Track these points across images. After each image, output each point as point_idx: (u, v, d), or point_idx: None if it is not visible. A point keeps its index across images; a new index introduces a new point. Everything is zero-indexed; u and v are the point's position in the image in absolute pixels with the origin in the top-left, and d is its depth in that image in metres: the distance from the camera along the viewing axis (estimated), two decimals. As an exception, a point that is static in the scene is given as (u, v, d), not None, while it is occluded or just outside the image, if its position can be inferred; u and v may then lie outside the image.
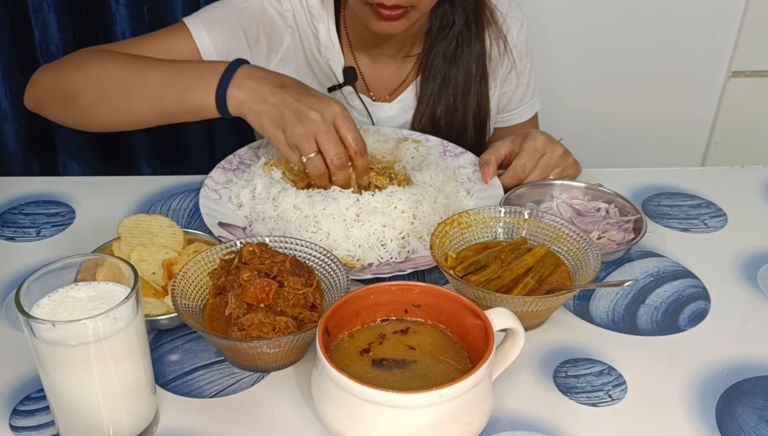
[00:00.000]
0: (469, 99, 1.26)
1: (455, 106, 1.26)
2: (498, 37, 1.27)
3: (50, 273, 0.69)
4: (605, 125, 1.90)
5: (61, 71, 1.10)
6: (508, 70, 1.31)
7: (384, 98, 1.29)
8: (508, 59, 1.29)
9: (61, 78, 1.10)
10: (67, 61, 1.12)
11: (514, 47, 1.29)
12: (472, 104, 1.27)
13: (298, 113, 0.97)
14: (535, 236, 0.93)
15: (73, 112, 1.10)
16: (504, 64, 1.30)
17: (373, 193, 0.99)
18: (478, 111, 1.28)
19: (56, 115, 1.13)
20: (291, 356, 0.80)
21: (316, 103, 0.98)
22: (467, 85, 1.25)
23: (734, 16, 1.78)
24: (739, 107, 1.89)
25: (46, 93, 1.11)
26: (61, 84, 1.09)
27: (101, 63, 1.08)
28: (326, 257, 0.86)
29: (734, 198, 1.15)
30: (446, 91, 1.25)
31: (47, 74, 1.12)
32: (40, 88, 1.12)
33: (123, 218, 0.94)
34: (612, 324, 0.90)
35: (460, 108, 1.26)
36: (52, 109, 1.12)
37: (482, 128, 1.31)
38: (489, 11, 1.25)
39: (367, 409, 0.65)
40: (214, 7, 1.19)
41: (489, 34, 1.26)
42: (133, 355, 0.69)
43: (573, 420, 0.76)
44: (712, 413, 0.77)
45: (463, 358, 0.74)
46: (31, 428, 0.74)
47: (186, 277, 0.82)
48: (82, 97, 1.08)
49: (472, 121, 1.28)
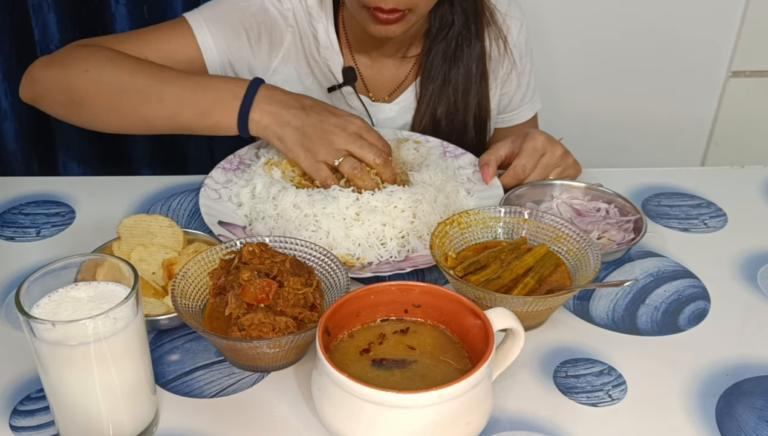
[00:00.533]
0: (469, 99, 1.26)
1: (456, 107, 1.26)
2: (498, 37, 1.27)
3: (50, 273, 0.69)
4: (605, 125, 1.90)
5: (65, 72, 1.08)
6: (509, 70, 1.31)
7: (383, 99, 1.29)
8: (508, 59, 1.29)
9: (67, 79, 1.08)
10: (70, 60, 1.09)
11: (514, 47, 1.29)
12: (472, 105, 1.26)
13: (322, 133, 1.02)
14: (535, 236, 0.93)
15: (79, 113, 1.09)
16: (504, 65, 1.30)
17: (373, 193, 1.00)
18: (478, 111, 1.28)
19: (57, 112, 1.12)
20: (291, 356, 0.80)
21: (339, 122, 1.02)
22: (467, 85, 1.25)
23: (734, 16, 1.78)
24: (739, 107, 1.89)
25: (48, 91, 1.10)
26: (66, 85, 1.08)
27: (114, 70, 1.06)
28: (326, 257, 0.86)
29: (734, 198, 1.15)
30: (446, 92, 1.25)
31: (49, 71, 1.09)
32: (41, 85, 1.10)
33: (123, 217, 0.94)
34: (612, 324, 0.90)
35: (460, 109, 1.26)
36: (54, 106, 1.11)
37: (483, 129, 1.30)
38: (489, 11, 1.25)
39: (367, 409, 0.65)
40: (215, 4, 1.19)
41: (489, 34, 1.26)
42: (133, 355, 0.69)
43: (573, 420, 0.76)
44: (712, 413, 0.77)
45: (463, 358, 0.74)
46: (31, 428, 0.74)
47: (186, 277, 0.82)
48: (93, 103, 1.07)
49: (473, 122, 1.27)
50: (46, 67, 1.10)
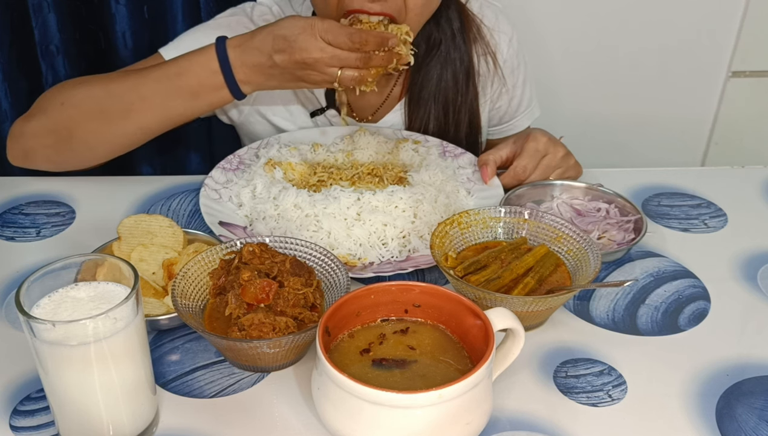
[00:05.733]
0: (460, 117, 1.24)
1: (446, 126, 1.23)
2: (486, 53, 1.24)
3: (50, 273, 0.69)
4: (605, 125, 1.90)
5: (45, 115, 1.07)
6: (499, 87, 1.28)
7: (366, 118, 1.27)
8: (498, 77, 1.27)
9: (48, 121, 1.07)
10: (45, 103, 1.08)
11: (504, 63, 1.26)
12: (463, 122, 1.24)
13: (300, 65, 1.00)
14: (535, 236, 0.93)
15: (72, 148, 1.08)
16: (495, 82, 1.27)
17: (374, 193, 1.00)
18: (470, 129, 1.26)
19: (51, 159, 1.10)
20: (291, 356, 0.80)
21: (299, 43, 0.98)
22: (457, 105, 1.23)
23: (734, 16, 1.78)
24: (739, 107, 1.89)
25: (35, 140, 1.08)
26: (49, 127, 1.07)
27: (86, 90, 1.06)
28: (326, 257, 0.86)
29: (734, 198, 1.15)
30: (437, 112, 1.22)
31: (30, 123, 1.08)
32: (26, 138, 1.09)
33: (123, 217, 0.94)
34: (612, 324, 0.90)
35: (451, 128, 1.24)
36: (46, 154, 1.09)
37: (475, 144, 1.28)
38: (475, 26, 1.23)
39: (367, 409, 0.65)
40: (189, 34, 1.18)
41: (476, 50, 1.24)
42: (133, 355, 0.69)
43: (573, 420, 0.76)
44: (712, 413, 0.77)
45: (463, 358, 0.74)
46: (31, 428, 0.74)
47: (186, 277, 0.82)
48: (80, 130, 1.06)
49: (465, 140, 1.25)
50: (26, 121, 1.09)
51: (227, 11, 1.23)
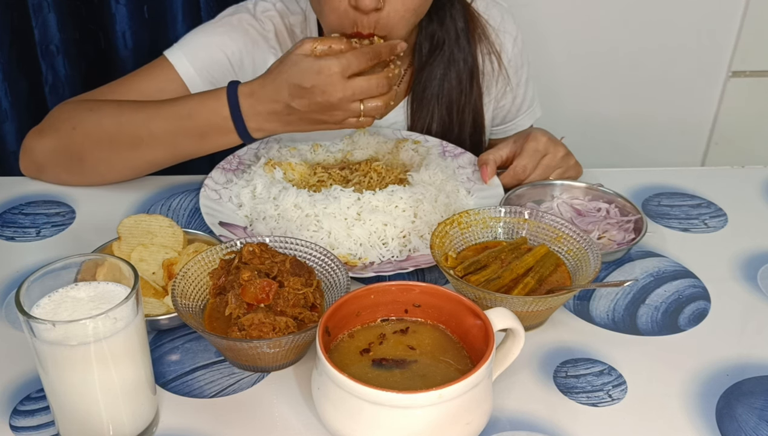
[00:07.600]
0: (464, 117, 1.23)
1: (450, 126, 1.23)
2: (491, 52, 1.24)
3: (50, 273, 0.69)
4: (605, 126, 1.90)
5: (57, 134, 1.09)
6: (504, 86, 1.28)
7: None
8: (503, 77, 1.27)
9: (59, 142, 1.08)
10: (58, 122, 1.09)
11: (509, 63, 1.26)
12: (467, 122, 1.24)
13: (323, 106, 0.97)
14: (535, 236, 0.93)
15: (83, 172, 1.10)
16: (499, 82, 1.27)
17: (374, 192, 1.00)
18: (473, 129, 1.25)
19: (63, 177, 1.12)
20: (291, 356, 0.80)
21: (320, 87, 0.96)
22: (461, 105, 1.22)
23: (734, 16, 1.78)
24: (739, 107, 1.89)
25: (48, 157, 1.10)
26: (61, 149, 1.09)
27: (97, 120, 1.06)
28: (326, 257, 0.86)
29: (734, 198, 1.15)
30: (440, 112, 1.22)
31: (43, 139, 1.10)
32: (39, 154, 1.10)
33: (123, 217, 0.94)
34: (612, 324, 0.90)
35: (455, 128, 1.23)
36: (58, 172, 1.11)
37: (479, 144, 1.28)
38: (480, 27, 1.23)
39: (367, 409, 0.65)
40: (193, 35, 1.17)
41: (481, 49, 1.23)
42: (133, 355, 0.69)
43: (573, 420, 0.76)
44: (712, 413, 0.77)
45: (463, 358, 0.74)
46: (31, 428, 0.74)
47: (186, 277, 0.82)
48: (91, 156, 1.08)
49: (469, 139, 1.25)
50: (38, 137, 1.11)
51: (229, 9, 1.22)
